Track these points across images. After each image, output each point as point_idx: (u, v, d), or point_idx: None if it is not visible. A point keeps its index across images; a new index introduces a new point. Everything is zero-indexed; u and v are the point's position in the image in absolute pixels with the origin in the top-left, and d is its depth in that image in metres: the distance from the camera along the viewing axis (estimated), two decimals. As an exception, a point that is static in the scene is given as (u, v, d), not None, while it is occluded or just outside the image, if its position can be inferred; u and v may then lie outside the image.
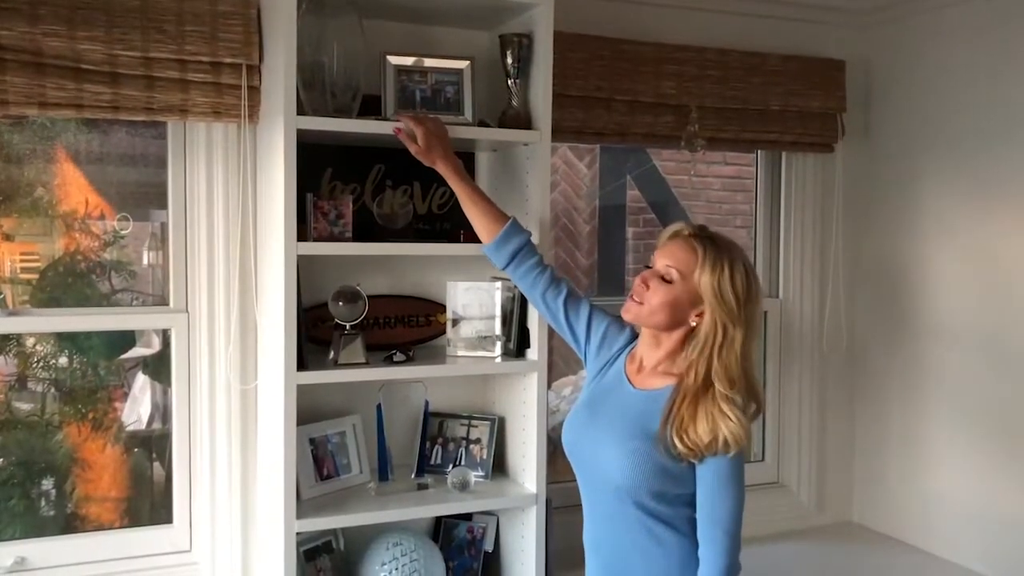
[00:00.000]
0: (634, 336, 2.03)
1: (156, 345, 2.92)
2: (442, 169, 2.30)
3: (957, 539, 3.09)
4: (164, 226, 2.63)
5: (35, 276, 2.66)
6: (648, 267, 1.90)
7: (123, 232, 2.73)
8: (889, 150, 3.32)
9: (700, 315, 1.84)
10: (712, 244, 1.84)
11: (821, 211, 3.36)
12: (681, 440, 1.78)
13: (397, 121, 2.32)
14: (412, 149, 2.29)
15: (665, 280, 1.85)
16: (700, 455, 1.78)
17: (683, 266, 1.84)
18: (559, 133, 2.68)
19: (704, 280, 1.81)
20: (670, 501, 1.84)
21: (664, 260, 1.86)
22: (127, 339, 2.89)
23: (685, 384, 1.83)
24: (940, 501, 3.15)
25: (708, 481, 1.80)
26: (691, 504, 1.85)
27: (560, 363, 4.13)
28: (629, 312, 1.90)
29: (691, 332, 1.86)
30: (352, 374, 2.37)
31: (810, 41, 3.24)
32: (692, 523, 1.86)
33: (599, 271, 5.05)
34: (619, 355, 2.03)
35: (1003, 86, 2.91)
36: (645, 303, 1.86)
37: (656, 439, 1.81)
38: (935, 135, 3.14)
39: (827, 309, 3.38)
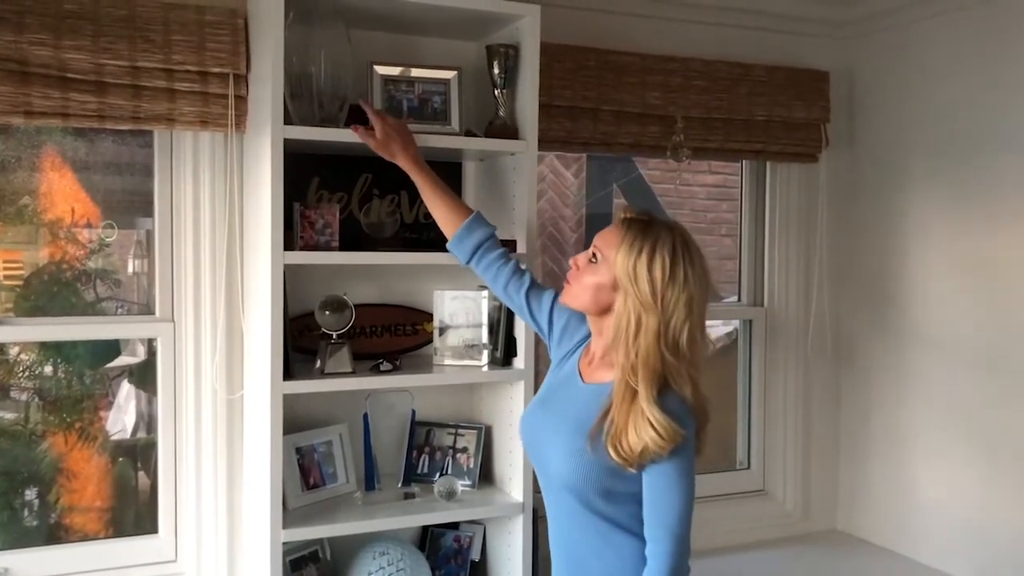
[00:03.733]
0: None
1: (141, 354, 2.91)
2: (402, 162, 2.30)
3: (941, 546, 3.11)
4: (150, 234, 2.62)
5: (19, 283, 2.64)
6: None
7: (107, 240, 2.73)
8: (872, 159, 3.35)
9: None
10: (639, 226, 1.77)
11: (805, 220, 3.39)
12: (616, 451, 1.71)
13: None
14: (371, 144, 2.29)
15: (591, 260, 1.83)
16: (638, 464, 1.71)
17: (606, 248, 1.80)
18: (546, 143, 2.70)
19: (619, 261, 1.75)
20: (619, 500, 1.78)
21: (596, 241, 1.84)
22: (112, 348, 2.88)
23: (619, 387, 1.74)
24: (924, 508, 3.17)
25: (652, 483, 1.74)
26: (641, 503, 1.78)
27: (546, 371, 4.13)
28: (564, 294, 1.90)
29: None
30: (339, 383, 2.37)
31: (794, 52, 3.27)
32: (643, 523, 1.79)
33: (586, 279, 5.05)
34: (577, 348, 1.99)
35: (985, 96, 2.95)
36: (573, 283, 1.85)
37: (602, 434, 1.74)
38: (917, 145, 3.17)
39: (812, 317, 3.40)
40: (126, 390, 2.99)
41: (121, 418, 2.99)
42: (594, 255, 1.83)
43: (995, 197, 2.93)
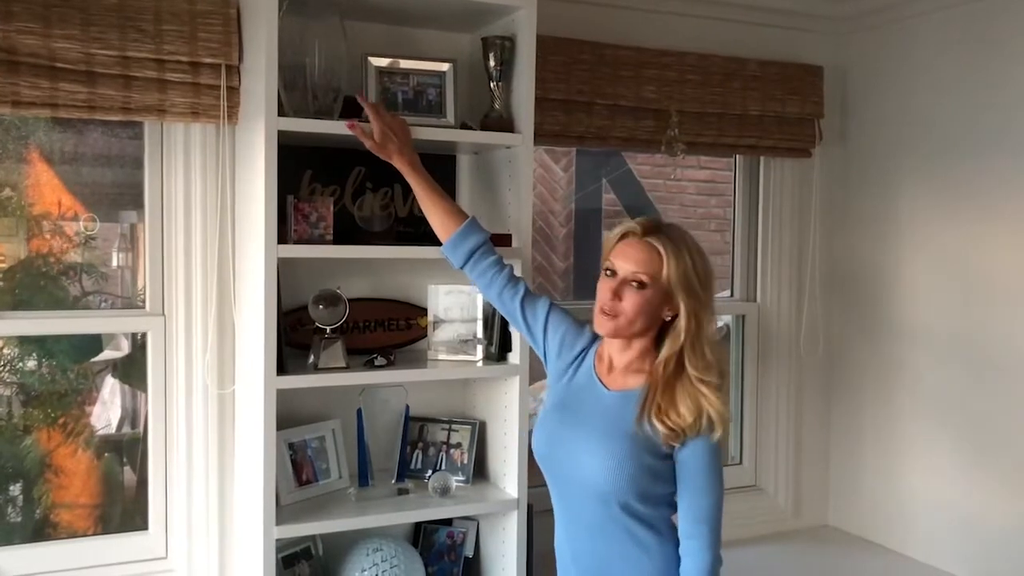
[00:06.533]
0: (595, 336, 1.99)
1: (125, 348, 2.88)
2: (398, 164, 2.27)
3: (932, 541, 3.12)
4: (133, 227, 2.59)
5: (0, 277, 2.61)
6: (608, 271, 1.86)
7: (89, 232, 2.69)
8: (865, 155, 3.35)
9: (671, 309, 1.84)
10: (668, 239, 1.83)
11: (798, 216, 3.39)
12: (663, 423, 1.78)
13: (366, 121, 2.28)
14: (367, 144, 2.26)
15: (635, 286, 1.82)
16: (683, 436, 1.79)
17: (650, 269, 1.82)
18: (540, 136, 2.67)
19: (674, 278, 1.81)
20: (654, 502, 1.84)
21: (628, 266, 1.83)
22: (96, 342, 2.84)
23: (657, 375, 1.83)
24: (915, 504, 3.18)
25: (689, 469, 1.80)
26: (672, 504, 1.86)
27: (536, 365, 4.11)
28: (604, 327, 1.86)
29: (662, 328, 1.87)
30: (333, 378, 2.35)
31: (789, 47, 3.26)
32: (671, 525, 1.87)
33: (575, 274, 5.05)
34: (583, 356, 1.99)
35: (977, 93, 2.95)
36: (621, 315, 1.83)
37: (638, 435, 1.80)
38: (911, 141, 3.17)
39: (804, 313, 3.40)
40: (110, 385, 2.96)
41: (106, 413, 2.97)
42: (641, 283, 1.82)
43: (989, 195, 2.93)
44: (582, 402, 1.93)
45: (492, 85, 2.48)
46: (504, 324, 2.53)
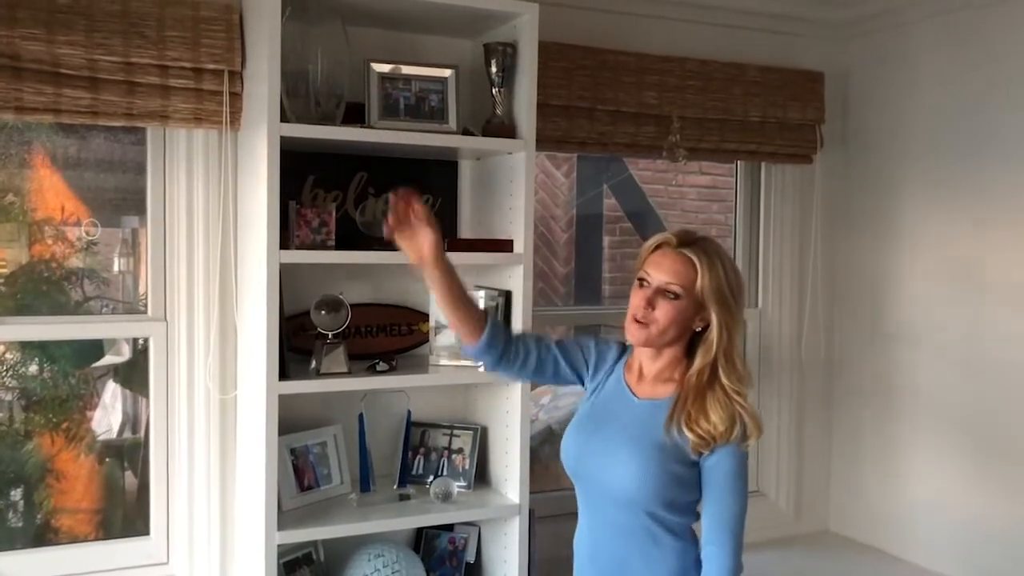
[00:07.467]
0: (623, 348, 2.01)
1: (126, 353, 2.88)
2: (443, 269, 1.93)
3: (933, 547, 3.11)
4: (135, 232, 2.59)
5: (1, 282, 2.61)
6: (641, 280, 1.86)
7: (91, 238, 2.69)
8: (867, 161, 3.35)
9: (703, 320, 1.85)
10: (703, 252, 1.84)
11: (800, 221, 3.39)
12: (692, 431, 1.79)
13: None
14: (412, 256, 1.93)
15: (669, 297, 1.83)
16: (712, 444, 1.79)
17: (684, 280, 1.83)
18: (541, 142, 2.68)
19: (707, 290, 1.82)
20: (680, 510, 1.85)
21: (662, 276, 1.84)
22: (97, 347, 2.84)
23: (689, 385, 1.85)
24: (916, 509, 3.17)
25: (716, 477, 1.81)
26: (696, 513, 1.89)
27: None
28: (636, 336, 1.86)
29: (692, 338, 1.88)
30: (335, 384, 2.35)
31: (789, 53, 3.27)
32: (692, 531, 1.90)
33: (576, 280, 5.05)
34: (613, 368, 2.01)
35: (978, 98, 2.96)
36: (652, 324, 1.84)
37: (666, 444, 1.81)
38: (912, 146, 3.17)
39: (805, 318, 3.40)
40: (112, 390, 2.96)
41: (107, 418, 2.96)
42: (675, 293, 1.83)
43: (991, 200, 2.94)
44: (611, 410, 1.94)
45: (494, 91, 2.48)
46: (506, 329, 2.53)
